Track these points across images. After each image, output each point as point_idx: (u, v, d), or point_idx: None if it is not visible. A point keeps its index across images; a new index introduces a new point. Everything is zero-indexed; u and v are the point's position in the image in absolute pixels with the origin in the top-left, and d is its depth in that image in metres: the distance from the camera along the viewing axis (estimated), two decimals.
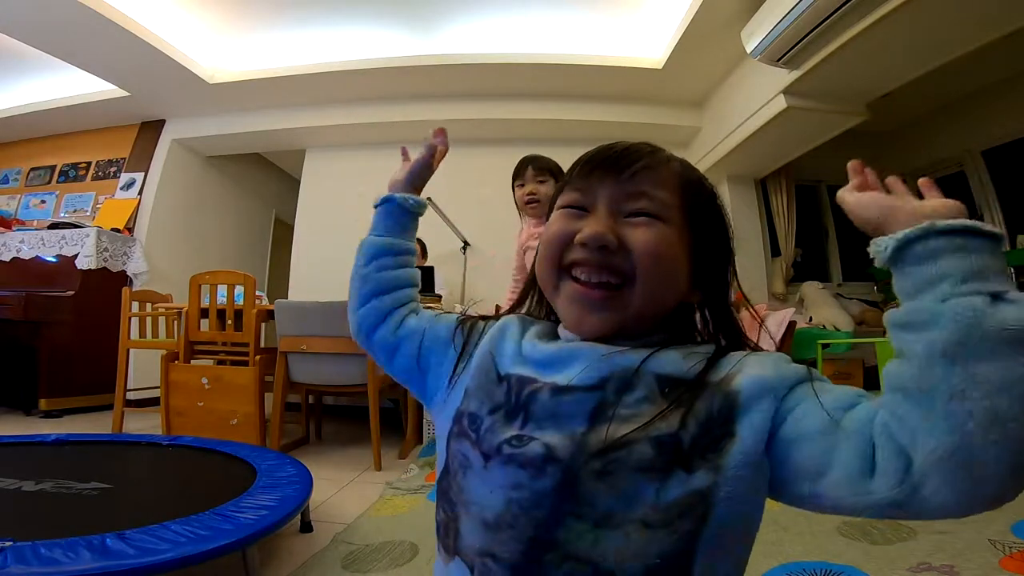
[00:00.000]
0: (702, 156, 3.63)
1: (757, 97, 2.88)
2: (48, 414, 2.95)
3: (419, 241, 3.16)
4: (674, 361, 0.39)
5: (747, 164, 3.56)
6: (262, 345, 2.39)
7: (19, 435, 1.76)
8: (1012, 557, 1.08)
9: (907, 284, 0.33)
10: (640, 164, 0.43)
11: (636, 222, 0.42)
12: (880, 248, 0.34)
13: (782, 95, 2.69)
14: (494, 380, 0.43)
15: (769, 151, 3.33)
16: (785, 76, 2.60)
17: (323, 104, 3.67)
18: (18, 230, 3.52)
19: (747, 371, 0.37)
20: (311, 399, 2.74)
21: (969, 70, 3.13)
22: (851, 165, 0.42)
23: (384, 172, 0.70)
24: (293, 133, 3.83)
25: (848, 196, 0.41)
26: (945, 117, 3.73)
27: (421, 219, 0.64)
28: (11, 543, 0.84)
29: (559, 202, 0.46)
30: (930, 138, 3.85)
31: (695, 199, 0.45)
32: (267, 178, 5.04)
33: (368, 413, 2.12)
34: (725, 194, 3.76)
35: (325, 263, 3.74)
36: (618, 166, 0.43)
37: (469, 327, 0.50)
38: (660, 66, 3.16)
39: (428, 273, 2.68)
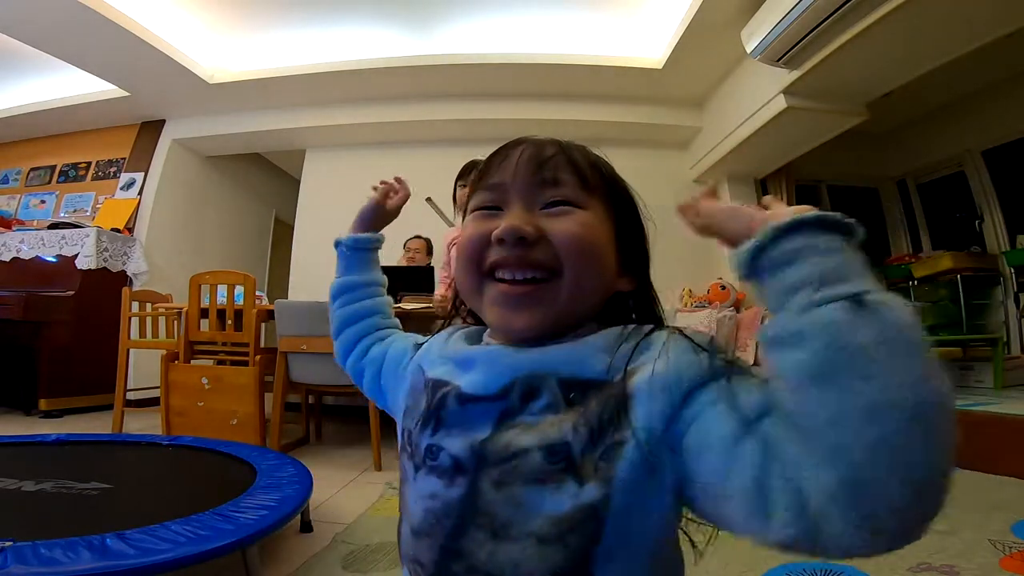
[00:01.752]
0: (702, 156, 3.63)
1: (757, 97, 2.88)
2: (48, 414, 2.95)
3: (426, 240, 3.17)
4: (583, 360, 0.36)
5: (747, 164, 3.56)
6: (262, 345, 2.39)
7: (19, 435, 1.76)
8: (1012, 557, 1.08)
9: (768, 297, 0.30)
10: (547, 153, 0.41)
11: (555, 212, 0.40)
12: (735, 259, 0.31)
13: (782, 95, 2.69)
14: (421, 389, 0.42)
15: (769, 151, 3.33)
16: (785, 76, 2.60)
17: (323, 104, 3.67)
18: (18, 230, 3.52)
19: (649, 367, 0.33)
20: (311, 399, 2.74)
21: (969, 70, 3.12)
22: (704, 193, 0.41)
23: (384, 172, 0.71)
24: (293, 133, 3.83)
25: (711, 205, 0.38)
26: (945, 117, 3.73)
27: (420, 219, 0.66)
28: (11, 543, 0.84)
29: (471, 206, 0.44)
30: (930, 138, 3.85)
31: (606, 180, 0.44)
32: (267, 178, 5.04)
33: (368, 413, 2.12)
34: (725, 194, 3.75)
35: (325, 263, 3.71)
36: (526, 158, 0.41)
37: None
38: (660, 66, 3.16)
39: (428, 273, 2.68)
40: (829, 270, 0.28)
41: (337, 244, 0.63)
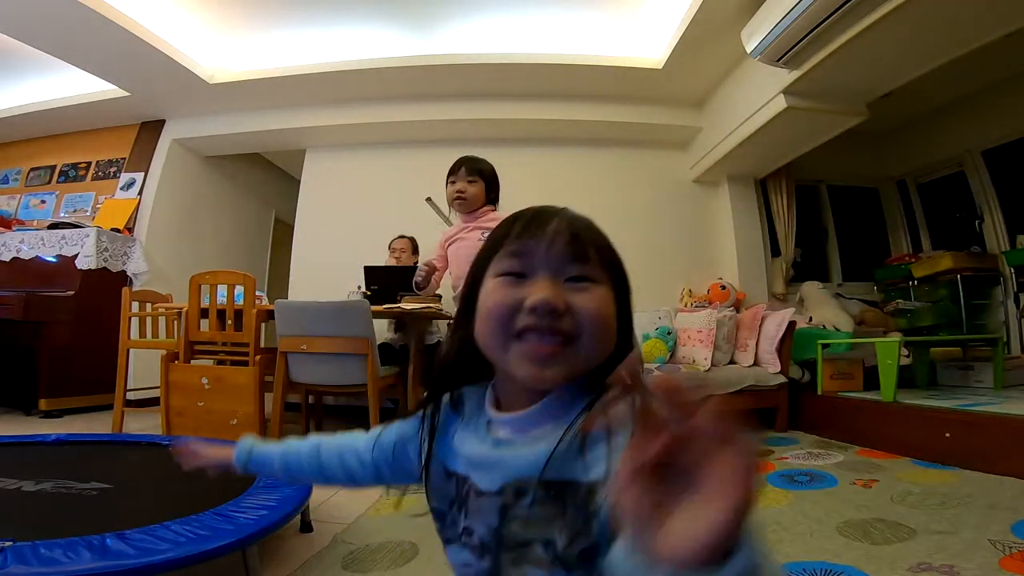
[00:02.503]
0: (702, 156, 3.63)
1: (757, 97, 2.88)
2: (48, 414, 2.95)
3: (411, 239, 3.17)
4: (562, 459, 0.40)
5: (747, 164, 3.56)
6: (262, 345, 2.39)
7: (19, 435, 1.76)
8: (1012, 557, 1.08)
9: None
10: (575, 232, 0.46)
11: (579, 287, 0.44)
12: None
13: (782, 95, 2.69)
14: (443, 477, 0.50)
15: (769, 151, 3.33)
16: (785, 76, 2.60)
17: (323, 104, 3.67)
18: (18, 230, 3.52)
19: (605, 466, 0.37)
20: (311, 399, 2.74)
21: (969, 70, 3.12)
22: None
23: (384, 172, 0.71)
24: (293, 133, 3.83)
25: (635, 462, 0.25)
26: (945, 117, 3.72)
27: (420, 218, 0.68)
28: (11, 543, 0.84)
29: (494, 269, 0.47)
30: (930, 138, 3.85)
31: (612, 257, 0.48)
32: (267, 178, 5.04)
33: (368, 413, 2.12)
34: (725, 194, 3.76)
35: (325, 263, 3.74)
36: (558, 235, 0.45)
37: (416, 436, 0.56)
38: (660, 66, 3.17)
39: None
40: None
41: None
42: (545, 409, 0.44)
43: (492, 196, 1.60)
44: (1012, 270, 3.35)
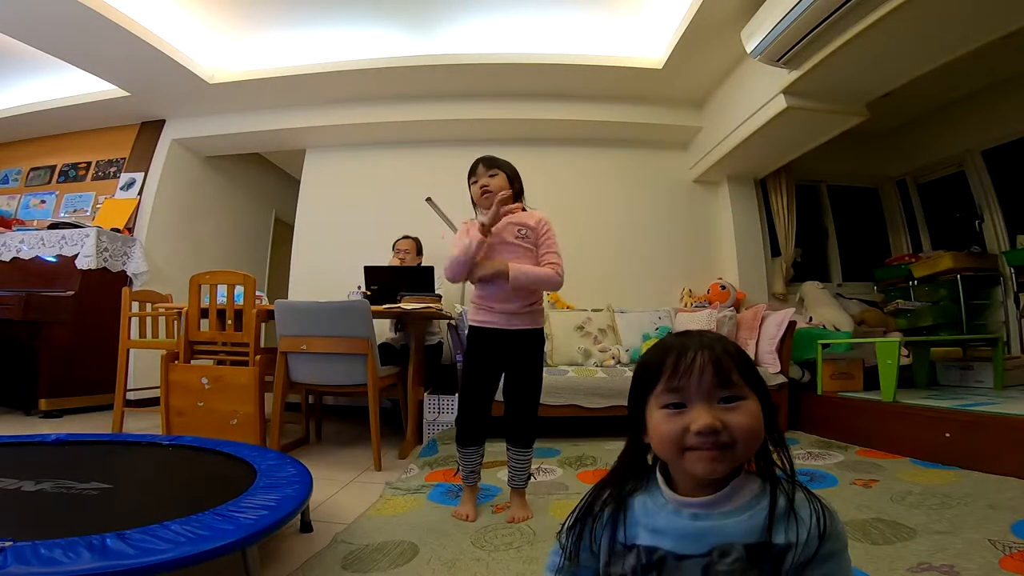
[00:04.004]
0: (702, 156, 3.63)
1: (757, 97, 2.89)
2: (48, 414, 2.95)
3: (415, 240, 3.17)
4: (753, 527, 0.55)
5: (747, 164, 3.56)
6: (262, 345, 2.39)
7: (19, 435, 1.75)
8: (1012, 557, 1.08)
9: None
10: (714, 360, 0.57)
11: (731, 407, 0.57)
12: None
13: (782, 95, 2.69)
14: (622, 551, 0.60)
15: (769, 151, 3.33)
16: (785, 76, 2.60)
17: (323, 104, 3.67)
18: (18, 230, 3.52)
19: (793, 535, 0.54)
20: (311, 399, 2.74)
21: (969, 70, 3.13)
22: None
23: (384, 172, 0.71)
24: (293, 133, 3.83)
25: None
26: (945, 117, 3.73)
27: (420, 218, 0.71)
28: (11, 543, 0.84)
29: (657, 400, 0.60)
30: (930, 138, 3.85)
31: (748, 367, 0.59)
32: (267, 178, 5.05)
33: (368, 413, 2.12)
34: (725, 194, 3.76)
35: (325, 263, 3.74)
36: (700, 369, 0.57)
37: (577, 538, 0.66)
38: (660, 66, 3.17)
39: (427, 273, 2.68)
40: None
41: None
42: (730, 492, 0.58)
43: (516, 187, 1.61)
44: (1012, 270, 3.35)
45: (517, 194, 1.62)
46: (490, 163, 1.60)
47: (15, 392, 3.15)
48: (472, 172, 1.61)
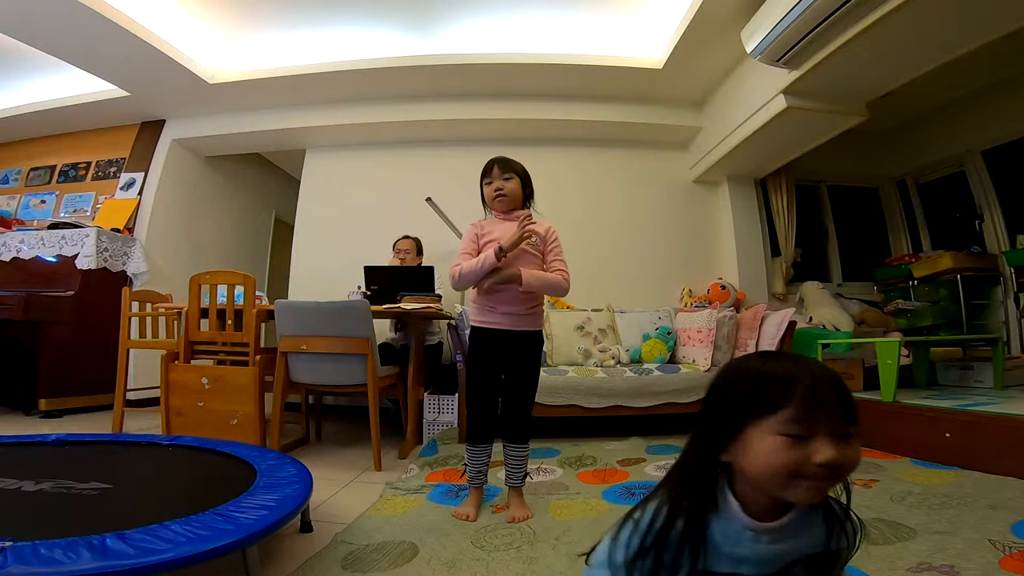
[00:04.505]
0: (702, 156, 3.63)
1: (757, 97, 2.89)
2: (48, 414, 2.95)
3: (415, 240, 3.17)
4: (815, 540, 0.63)
5: (747, 164, 3.56)
6: (262, 345, 2.39)
7: (19, 435, 1.75)
8: (1012, 557, 1.08)
9: None
10: (841, 396, 0.58)
11: (846, 442, 0.58)
12: None
13: (782, 95, 2.69)
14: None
15: (769, 151, 3.33)
16: (785, 76, 2.60)
17: (323, 104, 3.67)
18: (18, 230, 3.52)
19: (844, 541, 0.65)
20: (311, 399, 2.74)
21: (969, 70, 3.13)
22: None
23: (384, 172, 0.71)
24: (293, 133, 3.83)
25: None
26: (945, 117, 3.73)
27: (420, 218, 0.71)
28: (11, 543, 0.84)
29: (773, 427, 0.59)
30: (930, 138, 3.85)
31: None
32: (267, 178, 5.05)
33: (368, 413, 2.12)
34: (725, 194, 3.76)
35: (325, 263, 3.74)
36: (833, 405, 0.58)
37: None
38: (660, 66, 3.17)
39: (427, 273, 2.68)
40: None
41: None
42: (797, 512, 0.62)
43: (527, 191, 1.62)
44: (1012, 270, 3.35)
45: (527, 197, 1.63)
46: (506, 166, 1.60)
47: (15, 392, 3.16)
48: (487, 172, 1.60)
